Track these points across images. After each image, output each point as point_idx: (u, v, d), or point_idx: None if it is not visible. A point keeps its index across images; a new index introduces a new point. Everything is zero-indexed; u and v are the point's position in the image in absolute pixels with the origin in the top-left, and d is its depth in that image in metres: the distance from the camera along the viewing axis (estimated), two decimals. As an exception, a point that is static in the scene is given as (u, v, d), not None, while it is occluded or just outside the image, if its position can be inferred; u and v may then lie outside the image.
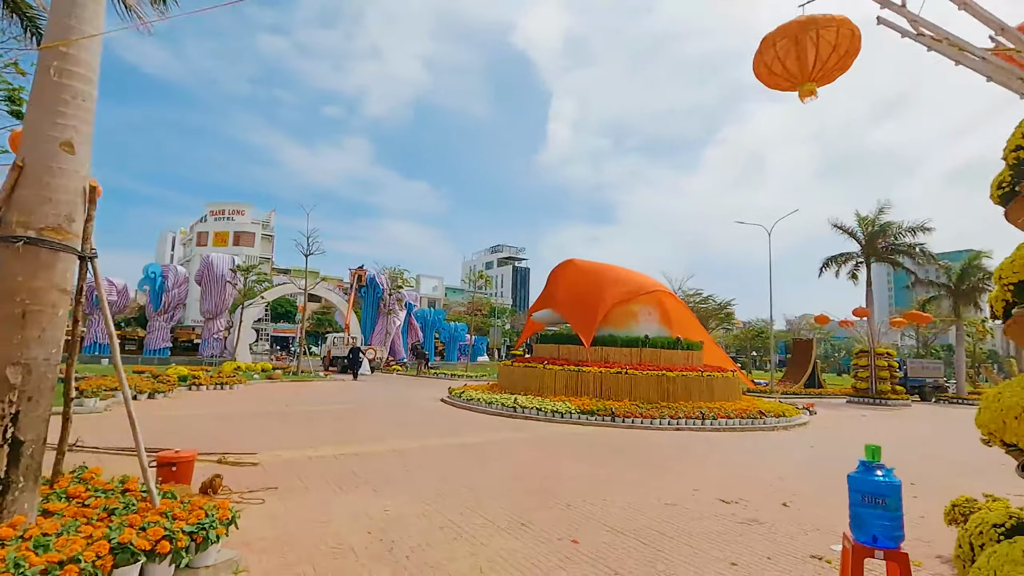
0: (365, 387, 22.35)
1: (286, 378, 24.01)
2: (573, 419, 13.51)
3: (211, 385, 18.22)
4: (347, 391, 19.95)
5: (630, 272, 18.20)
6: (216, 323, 36.34)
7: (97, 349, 32.48)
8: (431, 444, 9.50)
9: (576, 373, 15.64)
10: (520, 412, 14.12)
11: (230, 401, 15.06)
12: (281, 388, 20.09)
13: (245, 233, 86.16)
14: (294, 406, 14.44)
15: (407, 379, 29.71)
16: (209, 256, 35.94)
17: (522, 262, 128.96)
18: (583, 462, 8.48)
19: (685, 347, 17.25)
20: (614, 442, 10.75)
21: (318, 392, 19.13)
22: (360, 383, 24.43)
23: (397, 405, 15.90)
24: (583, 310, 16.91)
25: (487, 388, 18.10)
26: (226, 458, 7.17)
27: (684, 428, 13.16)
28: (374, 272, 43.35)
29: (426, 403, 16.63)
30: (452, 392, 17.43)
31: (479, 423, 12.72)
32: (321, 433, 10.16)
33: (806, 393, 28.51)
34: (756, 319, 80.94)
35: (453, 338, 50.78)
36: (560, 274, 18.35)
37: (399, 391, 20.99)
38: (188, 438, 8.89)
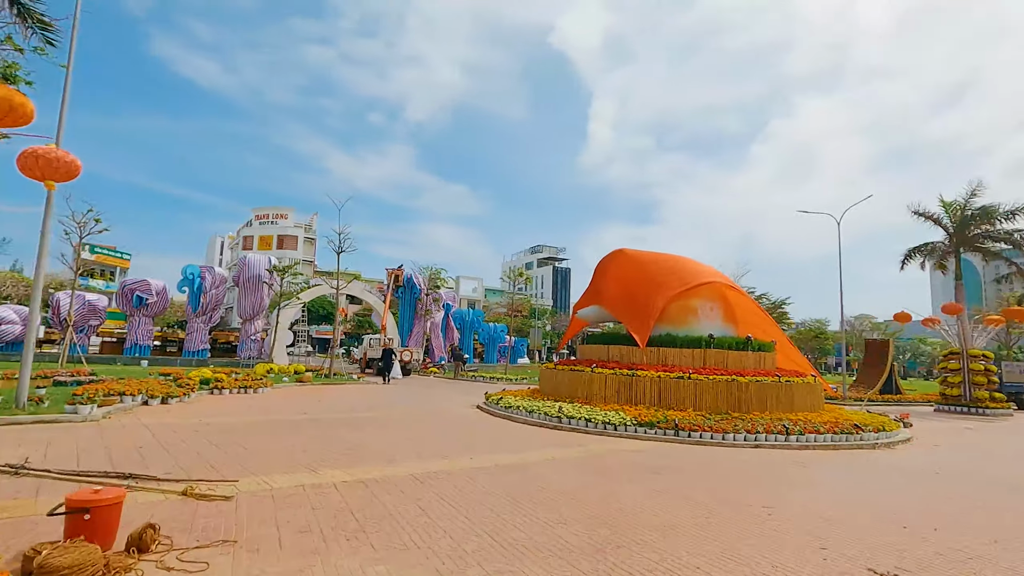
0: (396, 391, 20.91)
1: (317, 381, 22.89)
2: (628, 432, 11.51)
3: (234, 389, 17.12)
4: (376, 396, 18.52)
5: (687, 261, 15.99)
6: (253, 324, 35.94)
7: (137, 351, 32.49)
8: (459, 466, 7.74)
9: (630, 378, 13.60)
10: (566, 423, 12.22)
11: (246, 407, 13.80)
12: (308, 392, 18.86)
13: (288, 236, 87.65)
14: (314, 413, 13.01)
15: (443, 382, 28.22)
16: (246, 256, 35.58)
17: (563, 262, 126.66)
18: (653, 496, 6.53)
19: (756, 348, 14.92)
20: (684, 464, 8.71)
21: (345, 397, 17.77)
22: (392, 387, 23.04)
23: (427, 413, 14.27)
24: (636, 306, 14.85)
25: (527, 394, 16.28)
26: (194, 489, 5.61)
27: (764, 445, 10.94)
28: (411, 272, 42.30)
29: (459, 411, 14.95)
30: (489, 398, 15.69)
31: (518, 436, 10.90)
32: (331, 449, 8.57)
33: (884, 400, 25.37)
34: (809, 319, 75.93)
35: (492, 339, 49.19)
36: (608, 266, 16.31)
37: (432, 396, 19.43)
38: (168, 456, 7.44)
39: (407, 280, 42.53)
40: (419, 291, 41.78)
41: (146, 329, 32.93)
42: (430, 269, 40.87)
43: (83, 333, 31.67)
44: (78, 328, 31.27)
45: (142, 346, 32.65)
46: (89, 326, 31.85)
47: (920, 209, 26.32)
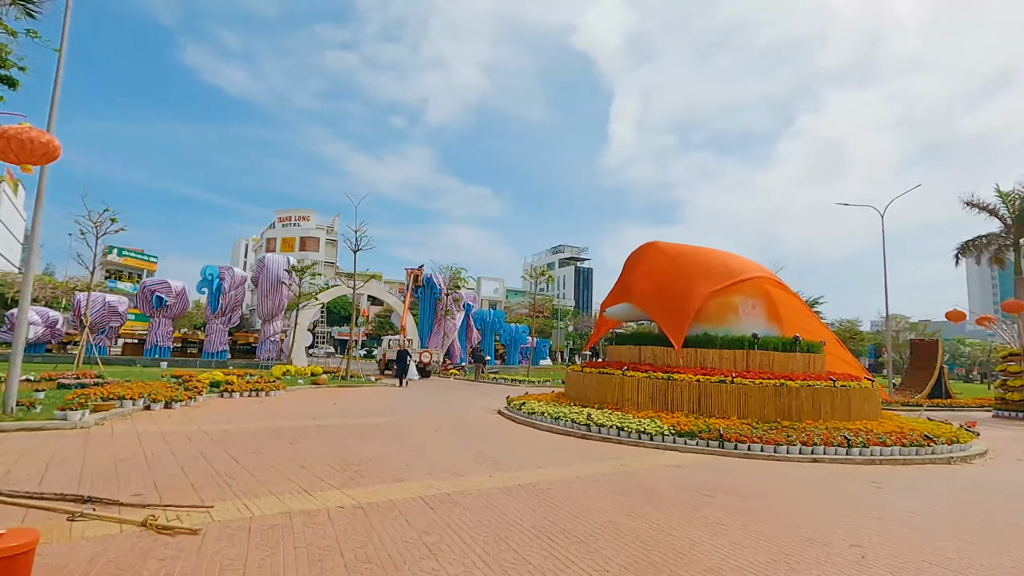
0: (413, 395, 19.98)
1: (333, 383, 22.12)
2: (666, 443, 10.30)
3: (245, 392, 16.38)
4: (392, 400, 17.60)
5: (724, 254, 14.66)
6: (272, 325, 35.53)
7: (157, 352, 32.30)
8: (477, 486, 6.68)
9: (665, 382, 12.36)
10: (595, 432, 11.06)
11: (253, 413, 12.97)
12: (322, 395, 18.04)
13: (310, 238, 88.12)
14: (323, 419, 12.11)
15: (463, 384, 27.24)
16: (264, 256, 35.20)
17: (584, 262, 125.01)
18: (711, 529, 5.36)
19: (805, 348, 13.54)
20: (737, 483, 7.49)
21: (360, 401, 16.88)
22: (408, 390, 22.12)
23: (444, 419, 13.25)
24: (670, 304, 13.59)
25: (552, 398, 15.15)
26: (156, 519, 4.65)
27: (823, 459, 9.62)
28: (431, 272, 41.50)
29: (479, 416, 13.90)
30: (511, 403, 14.61)
31: (544, 447, 9.79)
32: (333, 464, 7.59)
33: (934, 405, 23.53)
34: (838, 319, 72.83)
35: (514, 340, 48.12)
36: (639, 260, 15.06)
37: (450, 399, 18.44)
38: (147, 472, 6.54)
39: (427, 280, 41.73)
40: (439, 291, 40.94)
41: (166, 330, 32.74)
42: (450, 269, 40.00)
43: (103, 334, 31.62)
44: (99, 330, 31.22)
45: (162, 347, 32.46)
46: (110, 328, 31.77)
47: (974, 200, 24.42)
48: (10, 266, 65.23)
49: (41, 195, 9.98)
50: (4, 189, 65.45)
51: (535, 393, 17.70)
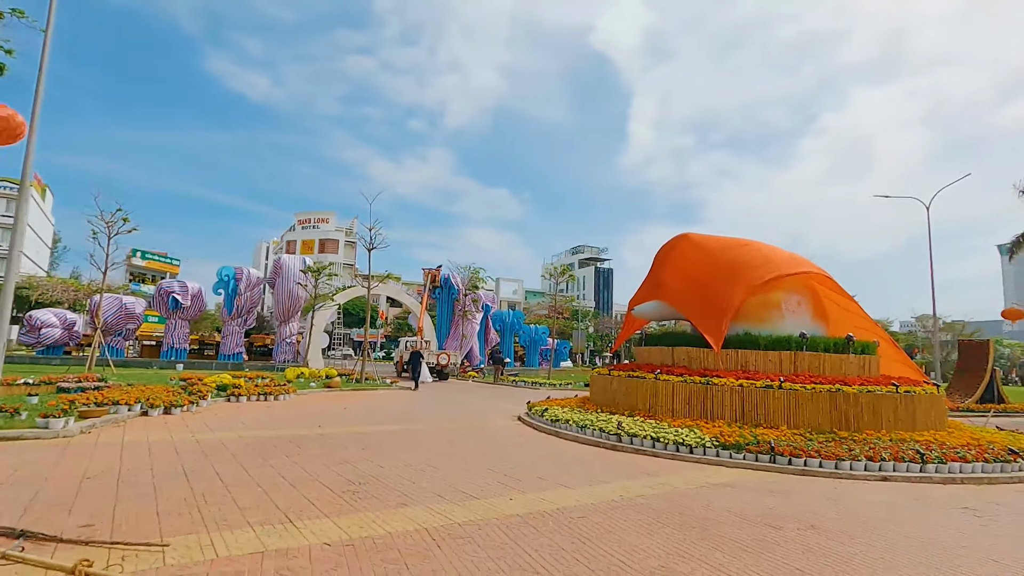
0: (429, 399, 19.02)
1: (346, 386, 21.31)
2: (708, 456, 9.11)
3: (253, 396, 15.61)
4: (406, 404, 16.66)
5: (766, 247, 13.36)
6: (288, 327, 35.05)
7: (174, 354, 32.00)
8: (495, 512, 5.62)
9: (704, 387, 11.15)
10: (627, 442, 9.92)
11: (255, 419, 12.12)
12: (332, 399, 17.18)
13: (330, 240, 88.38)
14: (329, 426, 11.19)
15: (482, 387, 26.23)
16: (280, 257, 34.74)
17: (604, 263, 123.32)
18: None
19: (859, 349, 12.19)
20: (804, 511, 6.29)
21: (372, 405, 15.97)
22: (425, 393, 21.18)
23: (459, 426, 12.23)
24: (707, 301, 12.36)
25: (576, 404, 14.03)
26: (86, 568, 3.68)
27: (894, 477, 8.34)
28: (449, 272, 40.65)
29: (498, 423, 12.84)
30: (532, 409, 13.53)
31: (570, 461, 8.69)
32: (330, 483, 6.62)
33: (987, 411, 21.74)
34: (873, 320, 69.89)
35: (534, 342, 47.01)
36: (671, 254, 13.85)
37: (468, 404, 17.41)
38: (108, 495, 5.62)
39: (444, 280, 40.91)
40: (457, 292, 40.09)
41: (182, 332, 32.44)
42: (469, 269, 39.08)
43: (120, 336, 31.43)
44: (115, 331, 31.04)
45: (178, 349, 32.16)
46: (126, 329, 31.56)
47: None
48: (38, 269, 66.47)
49: (24, 187, 9.26)
50: (31, 194, 66.76)
51: (558, 398, 16.59)
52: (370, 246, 24.16)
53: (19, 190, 9.66)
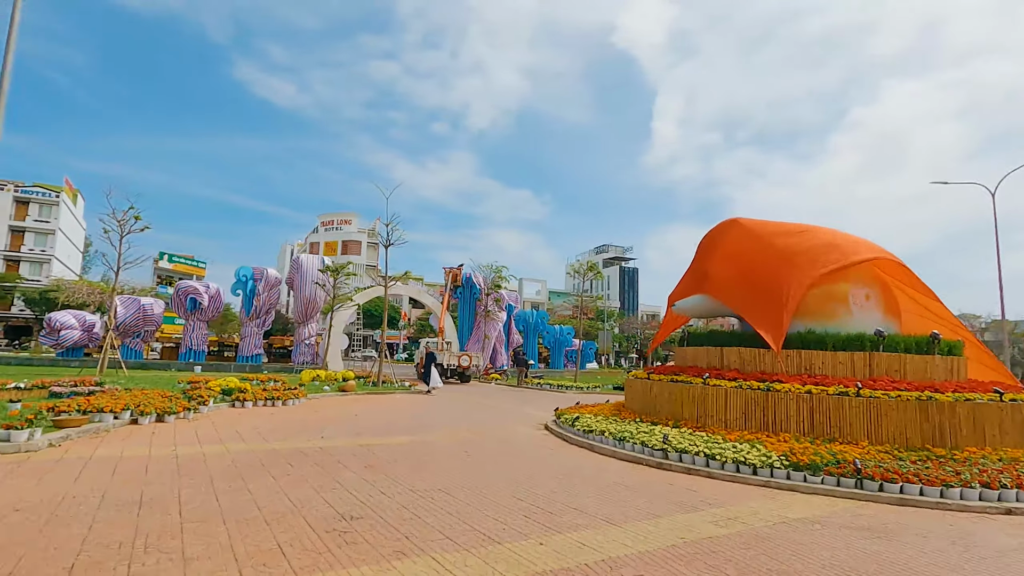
0: (448, 403, 17.71)
1: (362, 389, 20.18)
2: (778, 479, 7.54)
3: (260, 401, 14.53)
4: (422, 410, 15.38)
5: (828, 231, 11.64)
6: (307, 328, 34.26)
7: (192, 356, 31.46)
8: (514, 570, 4.22)
9: (764, 394, 9.55)
10: (674, 459, 8.41)
11: (253, 428, 10.96)
12: (344, 404, 16.01)
13: (352, 242, 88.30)
14: (334, 436, 9.94)
15: (505, 391, 24.85)
16: (299, 256, 33.99)
17: (630, 262, 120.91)
18: None
19: (945, 350, 10.42)
20: (932, 562, 4.72)
21: (385, 412, 14.73)
22: (445, 397, 19.89)
23: (479, 437, 10.85)
24: (763, 294, 10.73)
25: (610, 411, 12.53)
26: None
27: (1019, 509, 6.66)
28: (470, 271, 39.46)
29: (522, 433, 11.43)
30: (561, 417, 12.08)
31: (610, 486, 7.21)
32: (312, 518, 5.31)
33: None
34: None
35: (558, 343, 45.46)
36: (718, 242, 12.23)
37: (490, 409, 16.03)
38: (19, 540, 4.39)
39: (466, 280, 39.73)
40: (479, 291, 38.84)
41: (200, 334, 31.90)
42: (491, 267, 37.80)
43: (139, 338, 31.02)
44: (133, 333, 30.64)
45: (196, 351, 31.61)
46: (145, 331, 31.15)
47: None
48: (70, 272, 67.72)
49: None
50: (63, 199, 67.94)
51: (588, 404, 15.10)
52: (387, 242, 23.05)
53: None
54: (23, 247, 65.13)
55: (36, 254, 65.16)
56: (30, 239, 66.02)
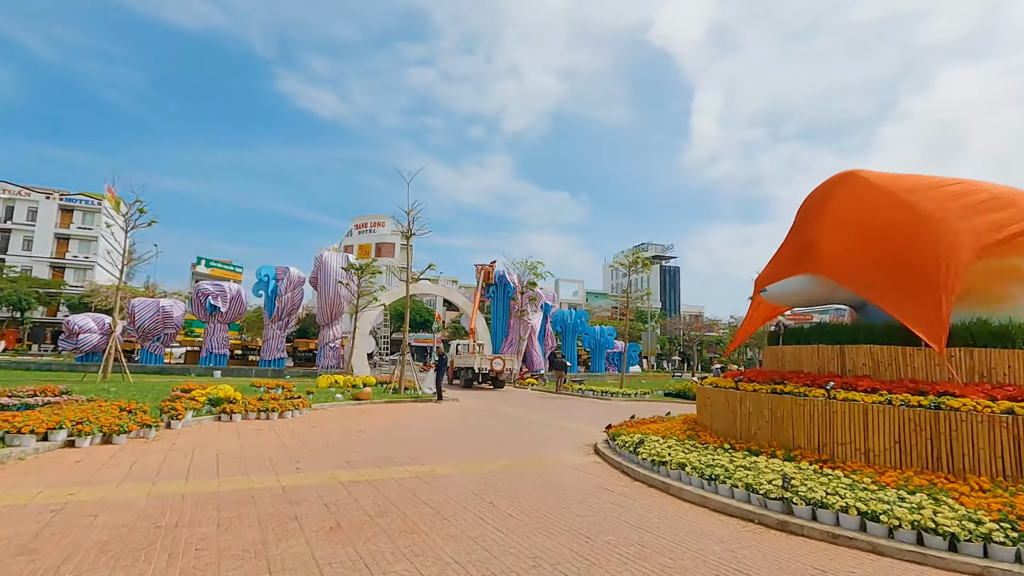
0: (474, 415, 15.04)
1: (380, 397, 17.76)
2: (1001, 559, 4.49)
3: (253, 413, 12.23)
4: (441, 425, 12.77)
5: (986, 185, 8.39)
6: (331, 330, 32.34)
7: (213, 360, 29.94)
8: None
9: (931, 413, 6.44)
10: (805, 518, 5.45)
11: (215, 455, 8.54)
12: (351, 417, 13.56)
13: (386, 244, 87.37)
14: (313, 467, 7.39)
15: (542, 398, 22.02)
16: (322, 254, 32.13)
17: (670, 261, 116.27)
18: None
19: None
20: None
21: (395, 428, 12.17)
22: (469, 407, 17.21)
23: (508, 469, 8.07)
24: (903, 271, 7.58)
25: (681, 430, 9.57)
26: None
27: None
28: (503, 269, 36.81)
29: (567, 462, 8.58)
30: (617, 438, 9.17)
31: (710, 566, 4.34)
32: None
33: None
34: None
35: (599, 344, 42.29)
36: (830, 204, 9.04)
37: (524, 423, 13.25)
38: None
39: (499, 278, 37.11)
40: (513, 290, 36.16)
41: (221, 336, 30.39)
42: (525, 263, 35.02)
43: (159, 341, 29.71)
44: (153, 336, 29.34)
45: (217, 355, 30.10)
46: (165, 334, 29.82)
47: None
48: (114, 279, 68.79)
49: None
50: (104, 206, 69.14)
51: (645, 418, 12.15)
52: (408, 232, 20.64)
53: None
54: (67, 254, 66.44)
55: (79, 261, 66.35)
56: (74, 246, 67.31)
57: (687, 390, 24.13)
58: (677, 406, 20.04)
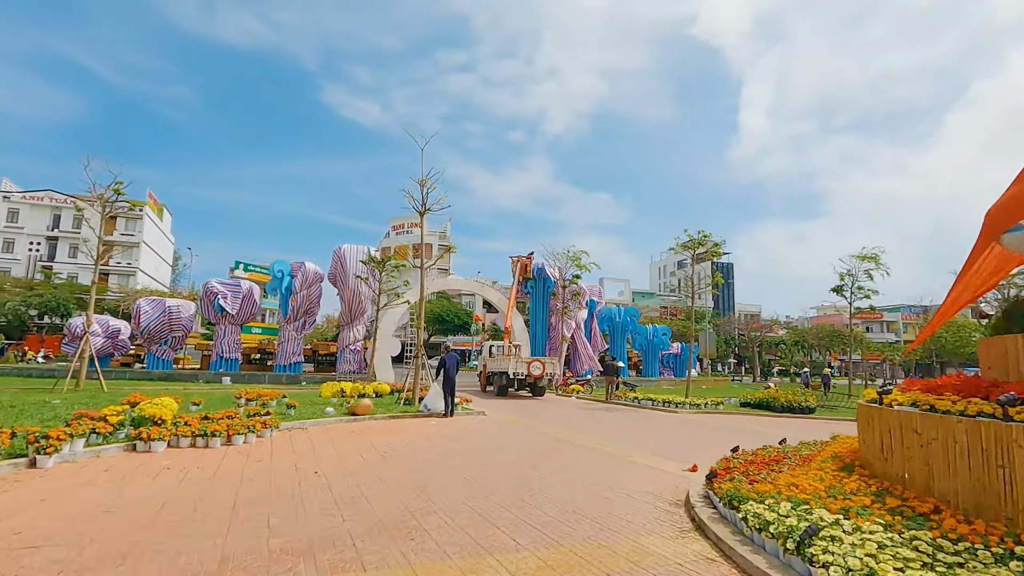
0: (495, 440, 11.08)
1: (384, 410, 14.07)
2: None
3: (186, 438, 8.71)
4: (443, 458, 8.87)
5: None
6: (351, 331, 29.14)
7: (224, 364, 27.22)
8: None
9: None
10: None
11: (117, 508, 4.87)
12: (323, 444, 9.85)
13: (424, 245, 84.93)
14: (195, 562, 3.65)
15: (591, 410, 17.85)
16: (341, 248, 29.00)
17: (723, 256, 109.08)
18: None
19: None
20: None
21: (372, 465, 8.35)
22: (494, 424, 13.26)
23: (552, 565, 4.09)
24: None
25: (842, 478, 5.33)
26: None
27: None
28: (542, 262, 32.75)
29: (645, 549, 4.45)
30: (742, 506, 4.98)
31: None
32: None
33: None
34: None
35: (652, 345, 37.55)
36: None
37: (566, 456, 9.16)
38: None
39: (538, 272, 33.07)
40: (554, 285, 32.08)
41: (233, 339, 27.66)
42: (566, 253, 30.84)
43: (167, 345, 27.22)
44: (160, 340, 26.88)
45: (229, 359, 27.36)
46: (173, 337, 27.31)
47: None
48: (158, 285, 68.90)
49: None
50: (147, 212, 69.39)
51: (756, 452, 7.88)
52: (423, 207, 16.99)
53: None
54: (111, 261, 66.88)
55: (122, 267, 66.65)
56: (117, 253, 67.76)
57: (771, 400, 19.44)
58: (772, 424, 15.47)
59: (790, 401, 18.84)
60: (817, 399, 20.32)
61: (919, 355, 62.69)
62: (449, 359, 14.53)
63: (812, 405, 19.00)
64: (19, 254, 64.61)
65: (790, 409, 18.62)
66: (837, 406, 20.70)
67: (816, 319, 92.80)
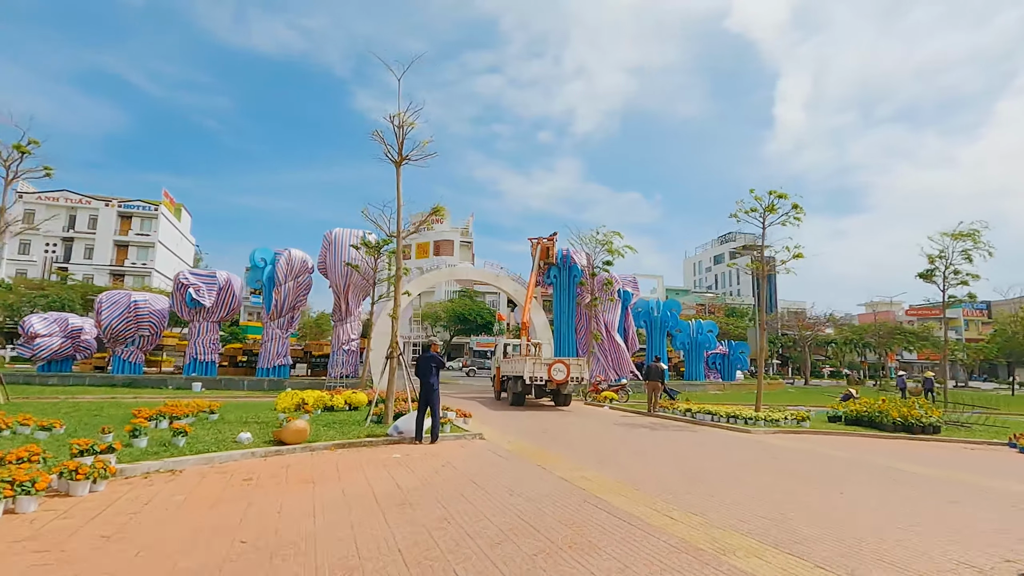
0: (461, 501, 6.59)
1: (336, 431, 9.80)
2: None
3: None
4: (386, 546, 4.38)
5: None
6: (345, 328, 25.11)
7: (198, 368, 23.51)
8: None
9: None
10: None
11: None
12: (134, 532, 5.54)
13: (444, 241, 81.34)
14: None
15: (630, 426, 13.20)
16: (333, 231, 25.01)
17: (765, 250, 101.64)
18: None
19: None
20: None
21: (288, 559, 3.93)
22: (467, 451, 8.79)
23: None
24: None
25: None
26: None
27: None
28: (567, 248, 28.03)
29: None
30: None
31: None
32: None
33: None
34: None
35: (696, 344, 32.36)
36: None
37: (587, 557, 4.73)
38: None
39: (562, 258, 28.30)
40: (581, 273, 27.39)
41: (210, 338, 23.94)
42: (595, 236, 26.08)
43: (134, 345, 23.63)
44: (126, 340, 23.34)
45: (204, 362, 23.64)
46: (141, 336, 23.72)
47: None
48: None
49: None
50: (162, 211, 67.49)
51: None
52: (399, 156, 12.64)
53: None
54: (126, 261, 65.17)
55: (138, 267, 64.82)
56: (133, 253, 66.05)
57: (876, 415, 14.43)
58: (921, 457, 10.51)
59: (904, 416, 13.81)
60: (940, 412, 15.11)
61: (986, 354, 55.93)
62: (423, 362, 10.11)
63: (937, 422, 13.90)
64: (35, 255, 63.23)
65: (906, 428, 13.59)
66: (969, 423, 15.41)
67: (863, 316, 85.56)
